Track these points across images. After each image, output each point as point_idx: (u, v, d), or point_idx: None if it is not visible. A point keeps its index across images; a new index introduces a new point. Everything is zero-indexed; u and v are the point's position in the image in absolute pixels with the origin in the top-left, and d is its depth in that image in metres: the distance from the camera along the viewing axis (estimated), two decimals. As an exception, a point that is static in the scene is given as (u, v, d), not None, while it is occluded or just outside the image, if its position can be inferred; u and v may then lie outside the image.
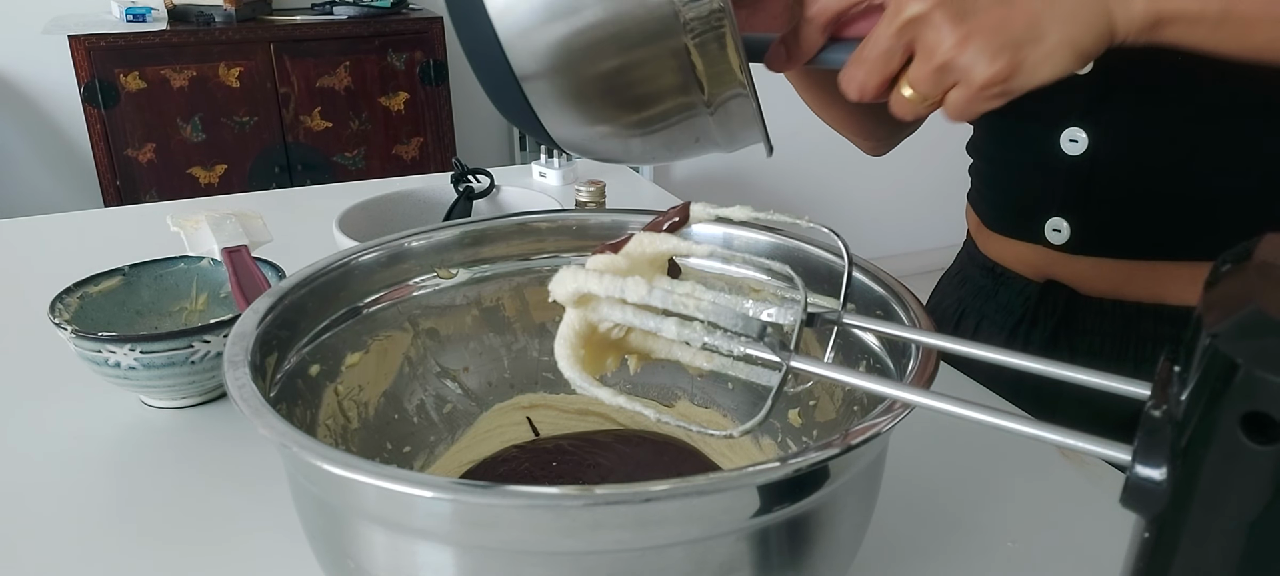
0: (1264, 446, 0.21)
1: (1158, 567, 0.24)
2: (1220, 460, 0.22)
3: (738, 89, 0.42)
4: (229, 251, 0.69)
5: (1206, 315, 0.23)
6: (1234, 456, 0.21)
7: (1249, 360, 0.21)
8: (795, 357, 0.32)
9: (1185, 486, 0.23)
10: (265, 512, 0.54)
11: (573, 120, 0.44)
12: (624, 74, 0.42)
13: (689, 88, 0.42)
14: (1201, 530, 0.23)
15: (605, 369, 0.40)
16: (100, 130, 2.17)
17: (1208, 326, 0.22)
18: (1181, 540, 0.23)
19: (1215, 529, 0.23)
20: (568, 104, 0.43)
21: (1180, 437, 0.23)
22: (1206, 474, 0.22)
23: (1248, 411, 0.21)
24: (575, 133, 0.45)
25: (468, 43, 0.46)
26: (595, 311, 0.37)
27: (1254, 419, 0.21)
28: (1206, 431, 0.22)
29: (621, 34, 0.40)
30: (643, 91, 0.43)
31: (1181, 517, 0.23)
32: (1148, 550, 0.25)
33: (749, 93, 0.42)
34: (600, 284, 0.36)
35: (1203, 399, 0.22)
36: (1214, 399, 0.22)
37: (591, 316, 0.37)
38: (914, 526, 0.53)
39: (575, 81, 0.42)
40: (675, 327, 0.35)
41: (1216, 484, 0.22)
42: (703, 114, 0.43)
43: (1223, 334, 0.22)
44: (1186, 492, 0.23)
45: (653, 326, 0.35)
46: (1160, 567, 0.24)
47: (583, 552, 0.32)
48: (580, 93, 0.42)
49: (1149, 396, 0.25)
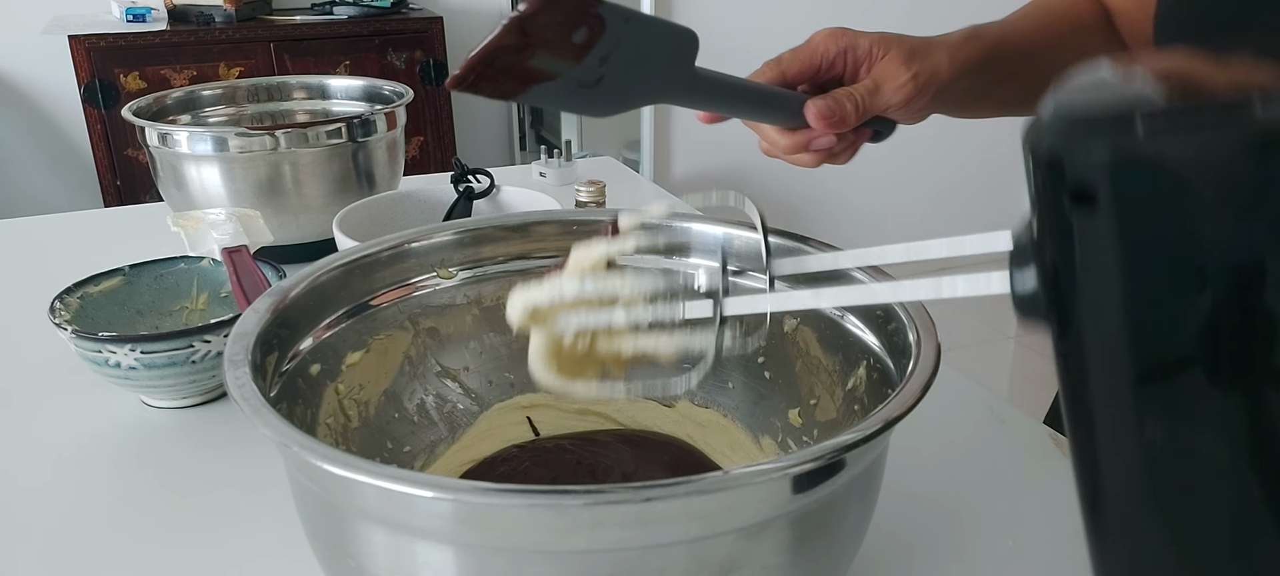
0: (1092, 215, 0.23)
1: (1073, 371, 0.26)
2: (1067, 243, 0.24)
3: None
4: (229, 251, 0.69)
5: (1023, 138, 0.25)
6: (1073, 234, 0.24)
7: (1056, 143, 0.23)
8: (729, 306, 0.36)
9: (1055, 280, 0.25)
10: (265, 512, 0.54)
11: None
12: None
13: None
14: (1088, 313, 0.25)
15: (586, 378, 0.43)
16: (100, 130, 2.17)
17: (1024, 141, 0.25)
18: (1078, 335, 0.25)
19: (1099, 306, 0.24)
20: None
21: (1039, 241, 0.26)
22: (1062, 262, 0.25)
23: (1072, 190, 0.23)
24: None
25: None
26: (553, 326, 0.40)
27: (1078, 193, 0.23)
28: (1050, 224, 0.25)
29: None
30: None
31: (1065, 311, 0.25)
32: (1061, 359, 0.26)
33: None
34: (541, 292, 0.39)
35: (1039, 200, 0.25)
36: (1043, 193, 0.24)
37: (553, 332, 0.40)
38: (914, 526, 0.53)
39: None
40: (623, 314, 0.38)
41: (1077, 267, 0.24)
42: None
43: (1032, 135, 0.24)
44: (1059, 286, 0.25)
45: (604, 320, 0.38)
46: (1075, 369, 0.26)
47: (583, 551, 0.32)
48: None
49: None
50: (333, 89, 1.07)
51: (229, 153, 0.84)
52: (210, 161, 0.85)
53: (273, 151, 0.85)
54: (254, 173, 0.85)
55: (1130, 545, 0.27)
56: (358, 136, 0.89)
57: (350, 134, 0.88)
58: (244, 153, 0.84)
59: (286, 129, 0.87)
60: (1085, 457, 0.27)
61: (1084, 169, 0.23)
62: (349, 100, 1.06)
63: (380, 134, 0.92)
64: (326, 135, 0.87)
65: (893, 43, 0.55)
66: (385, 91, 1.02)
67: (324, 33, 2.31)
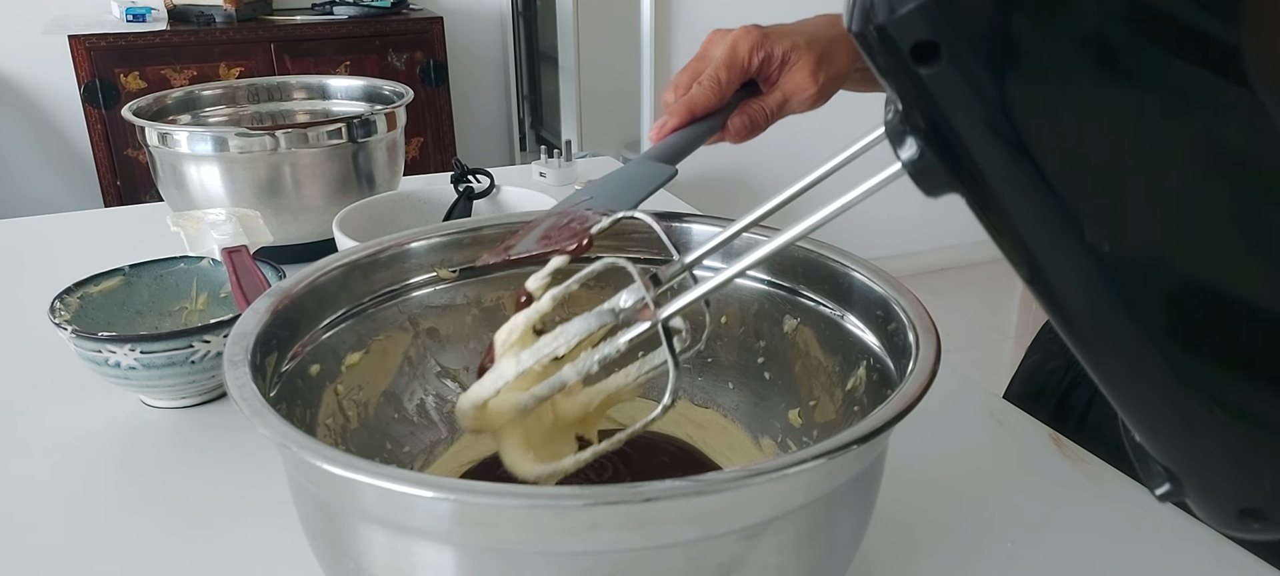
0: (936, 66, 0.23)
1: (994, 221, 0.27)
2: (927, 96, 0.24)
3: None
4: (229, 251, 0.69)
5: (852, 35, 0.25)
6: (929, 87, 0.24)
7: (881, 22, 0.23)
8: (662, 312, 0.36)
9: (932, 139, 0.26)
10: (265, 513, 0.54)
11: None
12: None
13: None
14: (976, 143, 0.25)
15: (568, 450, 0.43)
16: (100, 130, 2.17)
17: (854, 38, 0.25)
18: (975, 169, 0.25)
19: (980, 129, 0.24)
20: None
21: (905, 112, 0.27)
22: (929, 125, 0.25)
23: (912, 54, 0.23)
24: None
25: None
26: (511, 414, 0.40)
27: (918, 53, 0.23)
28: (907, 91, 0.25)
29: None
30: None
31: (955, 153, 0.26)
32: (972, 201, 0.27)
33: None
34: (484, 386, 0.40)
35: (888, 79, 0.25)
36: (889, 71, 0.25)
37: (514, 422, 0.41)
38: (914, 526, 0.53)
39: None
40: (572, 370, 0.38)
41: (946, 110, 0.24)
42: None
43: (855, 26, 0.25)
44: (941, 135, 0.26)
45: (556, 383, 0.39)
46: (992, 205, 0.26)
47: (582, 552, 0.32)
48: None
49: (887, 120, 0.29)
50: (333, 89, 1.07)
51: (229, 153, 0.84)
52: (210, 161, 0.85)
53: (273, 152, 0.85)
54: (254, 173, 0.85)
55: (1121, 350, 0.27)
56: (358, 137, 0.89)
57: (350, 134, 0.88)
58: (244, 153, 0.84)
59: (286, 129, 0.86)
60: (1044, 291, 0.27)
61: (913, 29, 0.23)
62: (349, 100, 1.06)
63: (380, 134, 0.92)
64: (326, 135, 0.87)
65: (802, 51, 0.61)
66: (385, 92, 1.02)
67: (324, 33, 2.31)
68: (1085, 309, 0.27)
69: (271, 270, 0.69)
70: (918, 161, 0.28)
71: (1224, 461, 0.28)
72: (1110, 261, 0.25)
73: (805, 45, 0.61)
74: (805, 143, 2.34)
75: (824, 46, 0.62)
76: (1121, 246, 0.25)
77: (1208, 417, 0.27)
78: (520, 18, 2.75)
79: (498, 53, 2.79)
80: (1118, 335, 0.26)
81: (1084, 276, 0.26)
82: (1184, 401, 0.27)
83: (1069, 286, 0.26)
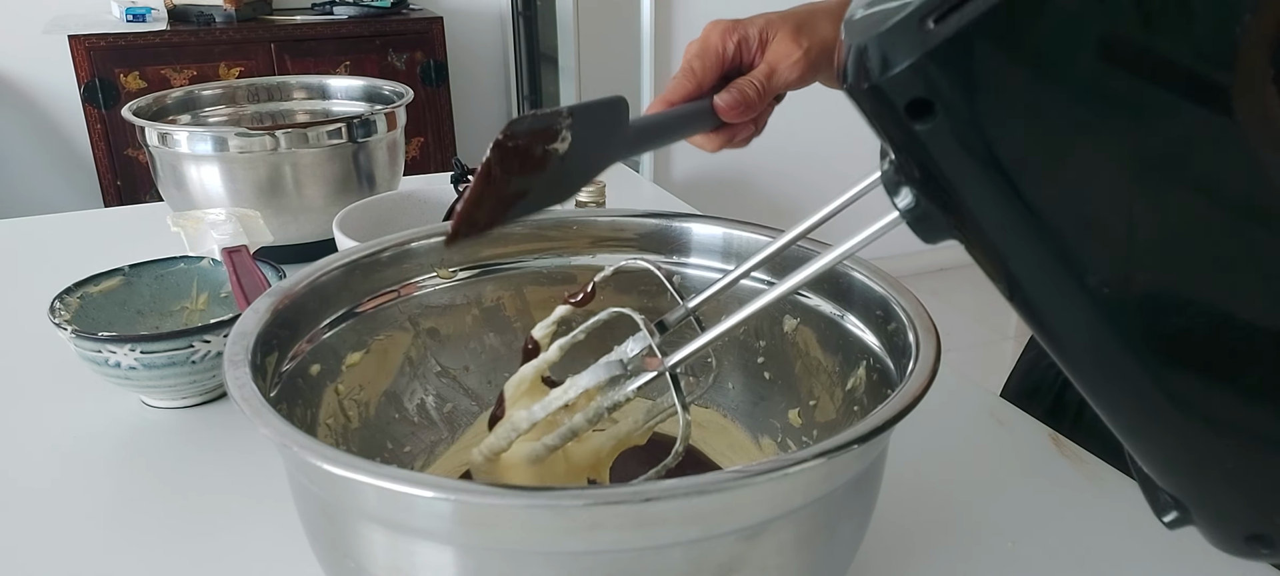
0: (931, 121, 0.24)
1: (991, 266, 0.27)
2: (922, 149, 0.25)
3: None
4: (229, 251, 0.69)
5: (845, 90, 0.26)
6: (923, 141, 0.24)
7: (874, 81, 0.24)
8: (669, 361, 0.36)
9: (928, 188, 0.26)
10: (265, 512, 0.54)
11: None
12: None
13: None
14: (975, 208, 0.25)
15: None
16: (100, 130, 2.17)
17: (847, 92, 0.26)
18: (972, 218, 0.26)
19: (975, 181, 0.25)
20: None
21: (899, 163, 0.28)
22: (925, 176, 0.26)
23: (907, 110, 0.24)
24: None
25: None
26: (522, 459, 0.41)
27: (912, 110, 0.24)
28: (903, 144, 0.25)
29: None
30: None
31: (950, 205, 0.26)
32: (971, 246, 0.27)
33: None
34: (498, 437, 0.41)
35: (882, 131, 0.26)
36: (883, 124, 0.25)
37: (528, 470, 0.41)
38: (914, 526, 0.53)
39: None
40: (583, 418, 0.39)
41: (941, 163, 0.25)
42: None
43: (849, 82, 0.25)
44: (933, 190, 0.26)
45: (566, 433, 0.39)
46: (989, 250, 0.27)
47: (582, 552, 0.32)
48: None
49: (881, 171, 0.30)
50: (333, 89, 1.07)
51: (229, 153, 0.84)
52: (210, 161, 0.85)
53: (273, 151, 0.85)
54: (254, 173, 0.85)
55: (1123, 387, 0.27)
56: (358, 137, 0.89)
57: (350, 134, 0.88)
58: (244, 153, 0.84)
59: (286, 129, 0.87)
60: (1049, 336, 0.27)
61: (907, 88, 0.23)
62: (349, 100, 1.06)
63: (380, 134, 0.92)
64: (327, 135, 0.87)
65: (778, 23, 0.59)
66: (385, 92, 1.02)
67: (324, 33, 2.31)
68: (1087, 348, 0.27)
69: (271, 270, 0.69)
70: (914, 210, 0.28)
71: (1230, 488, 0.29)
72: (1110, 303, 0.25)
73: (780, 19, 0.60)
74: (805, 142, 2.34)
75: (801, 17, 0.60)
76: (1121, 287, 0.25)
77: (1212, 445, 0.27)
78: (520, 18, 2.75)
79: (498, 53, 2.80)
80: (1120, 371, 0.27)
81: (1085, 318, 0.26)
82: (1189, 433, 0.27)
83: (1071, 328, 0.27)
